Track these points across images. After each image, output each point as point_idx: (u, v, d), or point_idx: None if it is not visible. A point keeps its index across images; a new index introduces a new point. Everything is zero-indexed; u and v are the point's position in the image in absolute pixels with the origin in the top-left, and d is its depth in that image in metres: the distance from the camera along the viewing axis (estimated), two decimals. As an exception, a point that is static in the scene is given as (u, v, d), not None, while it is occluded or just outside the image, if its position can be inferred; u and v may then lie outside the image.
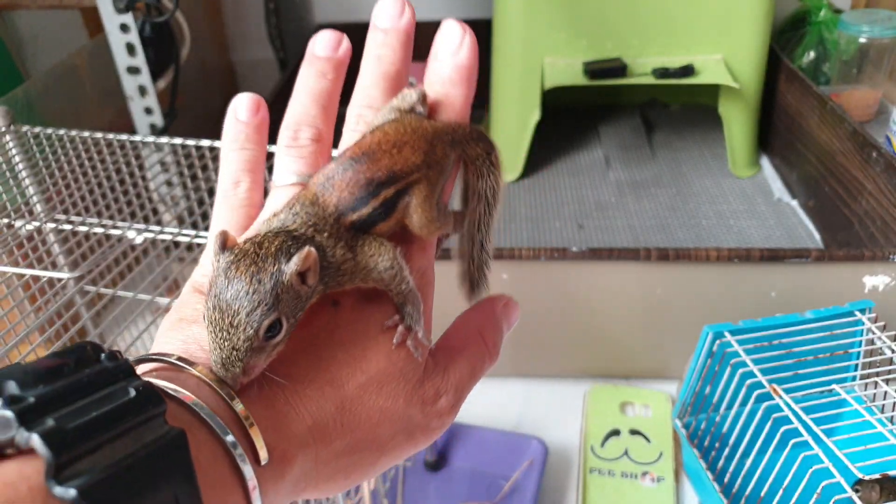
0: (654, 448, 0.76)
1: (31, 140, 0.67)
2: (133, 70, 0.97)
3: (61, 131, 0.67)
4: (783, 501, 0.57)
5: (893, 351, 0.65)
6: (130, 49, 0.95)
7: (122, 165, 0.68)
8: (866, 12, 1.26)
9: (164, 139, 0.69)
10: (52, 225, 0.61)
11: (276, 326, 0.25)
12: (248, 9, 1.51)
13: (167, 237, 0.61)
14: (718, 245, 1.05)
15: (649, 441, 0.77)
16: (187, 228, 0.63)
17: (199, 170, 0.69)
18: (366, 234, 0.29)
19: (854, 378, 0.67)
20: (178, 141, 0.69)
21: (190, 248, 0.65)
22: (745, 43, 1.13)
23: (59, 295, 0.57)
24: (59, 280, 0.57)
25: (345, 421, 0.26)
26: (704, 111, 1.37)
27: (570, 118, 1.41)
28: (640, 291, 0.79)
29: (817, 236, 1.06)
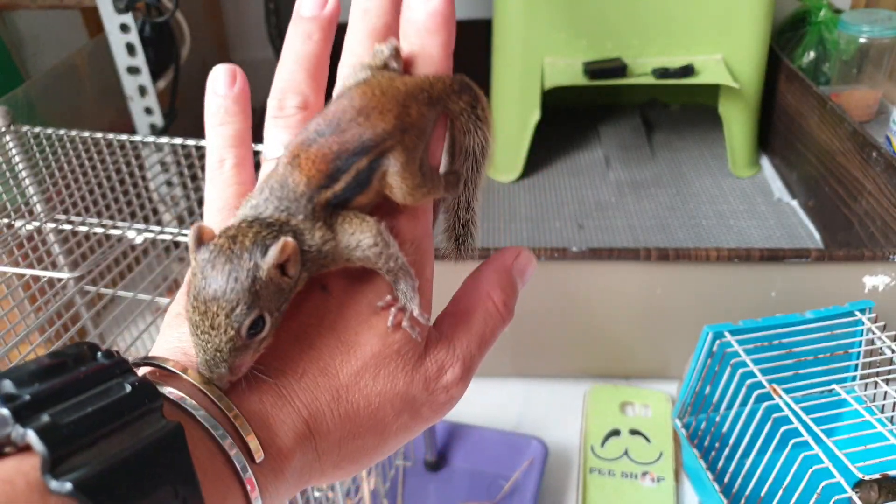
0: (654, 448, 0.76)
1: (32, 140, 0.67)
2: (133, 70, 0.97)
3: (61, 131, 0.67)
4: (783, 501, 0.57)
5: (893, 351, 0.65)
6: (130, 49, 0.95)
7: (122, 165, 0.68)
8: (866, 12, 1.26)
9: (164, 139, 0.69)
10: (52, 225, 0.61)
11: (258, 323, 0.24)
12: (248, 9, 1.51)
13: (167, 237, 0.61)
14: (718, 245, 1.05)
15: (649, 441, 0.77)
16: (187, 228, 0.63)
17: (199, 170, 0.69)
18: (345, 211, 0.27)
19: (854, 378, 0.67)
20: (178, 141, 0.69)
21: (190, 248, 0.65)
22: (745, 43, 1.13)
23: (59, 295, 0.57)
24: (59, 280, 0.57)
25: (342, 410, 0.26)
26: (704, 111, 1.37)
27: (570, 118, 1.41)
28: (640, 291, 0.79)
29: (817, 236, 1.06)
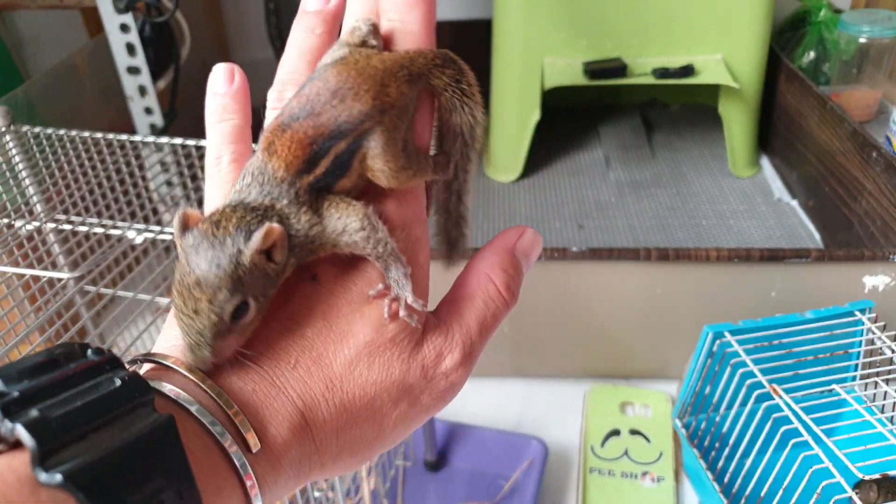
0: (654, 448, 0.76)
1: (32, 140, 0.67)
2: (133, 70, 0.97)
3: (61, 131, 0.67)
4: (783, 501, 0.57)
5: (893, 351, 0.65)
6: (130, 49, 0.96)
7: (122, 165, 0.68)
8: (866, 12, 1.26)
9: (164, 139, 0.69)
10: (52, 225, 0.61)
11: (242, 308, 0.24)
12: (248, 9, 1.51)
13: (167, 237, 0.61)
14: (718, 245, 1.05)
15: (649, 441, 0.77)
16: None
17: (199, 170, 0.69)
18: (331, 195, 0.26)
19: (854, 378, 0.67)
20: (178, 141, 0.69)
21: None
22: (745, 43, 1.13)
23: (59, 295, 0.57)
24: (59, 280, 0.57)
25: (336, 399, 0.26)
26: (704, 111, 1.37)
27: (570, 118, 1.41)
28: (640, 291, 0.79)
29: (817, 236, 1.06)
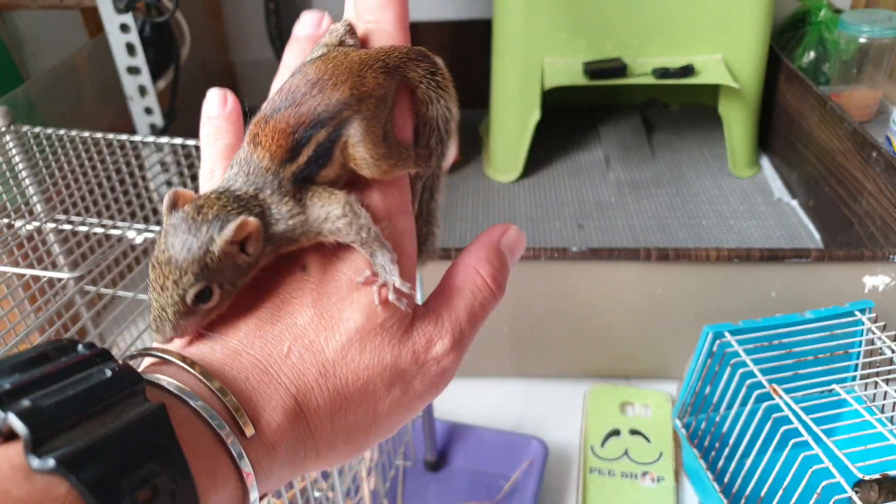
0: (654, 448, 0.76)
1: (32, 140, 0.67)
2: (133, 70, 0.97)
3: (61, 131, 0.67)
4: (783, 501, 0.57)
5: (893, 351, 0.65)
6: (130, 49, 0.96)
7: (122, 165, 0.68)
8: (866, 12, 1.26)
9: (164, 139, 0.69)
10: (52, 225, 0.61)
11: (205, 293, 0.25)
12: (248, 9, 1.51)
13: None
14: (718, 245, 1.05)
15: (649, 441, 0.77)
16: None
17: (198, 170, 0.69)
18: (314, 186, 0.27)
19: (854, 378, 0.67)
20: (178, 141, 0.69)
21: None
22: (745, 43, 1.13)
23: (59, 295, 0.57)
24: (59, 280, 0.57)
25: (329, 385, 0.26)
26: (704, 111, 1.37)
27: (570, 118, 1.41)
28: (640, 291, 0.79)
29: (817, 236, 1.06)
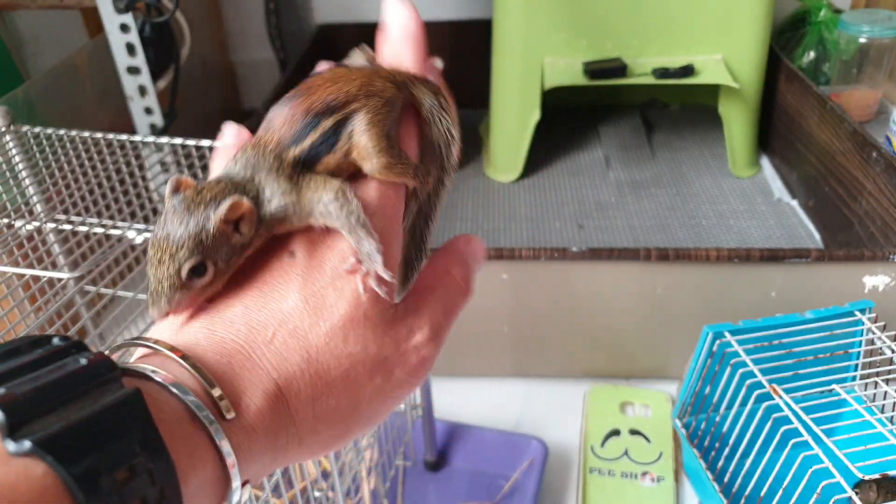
0: (654, 448, 0.76)
1: (32, 140, 0.67)
2: (133, 70, 0.97)
3: (61, 131, 0.67)
4: (783, 501, 0.57)
5: (893, 351, 0.65)
6: (130, 49, 0.96)
7: (122, 165, 0.68)
8: (866, 12, 1.26)
9: (164, 139, 0.69)
10: (52, 225, 0.61)
11: (199, 269, 0.27)
12: (248, 9, 1.51)
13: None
14: (718, 245, 1.05)
15: (649, 441, 0.77)
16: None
17: (199, 170, 0.69)
18: (312, 172, 0.29)
19: (854, 378, 0.67)
20: (178, 141, 0.69)
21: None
22: (745, 43, 1.13)
23: (59, 295, 0.57)
24: (59, 280, 0.57)
25: (311, 370, 0.26)
26: (704, 111, 1.37)
27: (570, 118, 1.41)
28: (640, 291, 0.79)
29: (817, 236, 1.06)
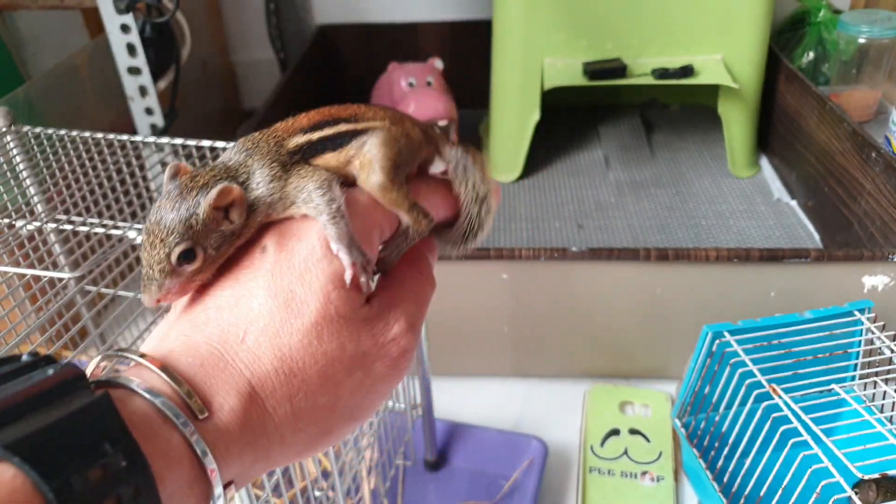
0: (654, 448, 0.76)
1: (32, 140, 0.67)
2: (134, 70, 0.97)
3: (62, 131, 0.67)
4: (782, 501, 0.57)
5: (892, 351, 0.65)
6: (131, 49, 0.96)
7: (123, 166, 0.68)
8: (866, 12, 1.26)
9: (164, 139, 0.69)
10: (53, 225, 0.61)
11: (188, 254, 0.27)
12: (248, 9, 1.51)
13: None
14: (718, 245, 1.05)
15: (649, 441, 0.77)
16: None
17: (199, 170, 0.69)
18: (307, 164, 0.29)
19: (853, 378, 0.68)
20: (178, 141, 0.69)
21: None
22: (745, 43, 1.13)
23: (59, 295, 0.57)
24: (60, 280, 0.58)
25: (285, 368, 0.26)
26: (704, 111, 1.37)
27: (570, 118, 1.41)
28: (640, 291, 0.79)
29: (816, 236, 1.06)
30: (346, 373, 0.27)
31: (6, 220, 0.60)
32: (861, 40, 1.21)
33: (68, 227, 0.60)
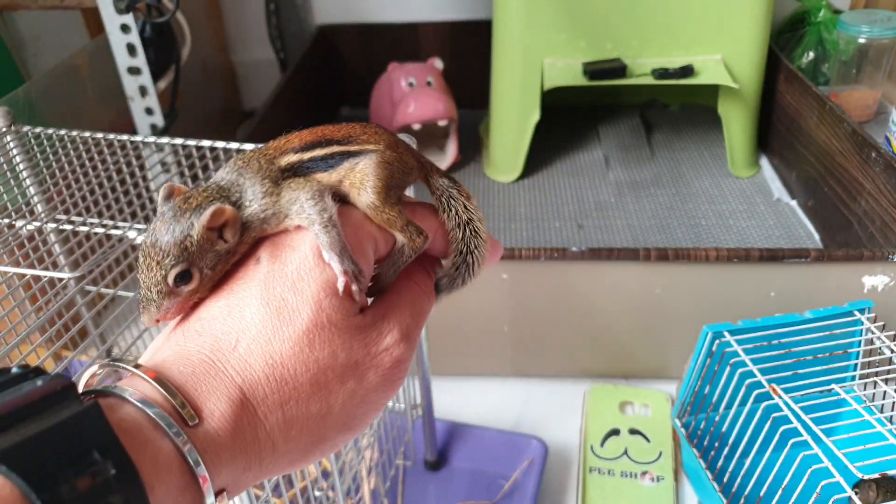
0: (654, 447, 0.76)
1: (32, 140, 0.67)
2: (134, 70, 0.97)
3: (62, 131, 0.67)
4: (782, 501, 0.57)
5: (892, 351, 0.65)
6: (131, 49, 0.96)
7: (123, 166, 0.68)
8: (865, 12, 1.26)
9: (164, 139, 0.69)
10: (53, 225, 0.61)
11: (185, 275, 0.27)
12: (248, 9, 1.51)
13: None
14: (718, 245, 1.05)
15: (649, 441, 0.77)
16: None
17: (199, 170, 0.69)
18: (298, 178, 0.30)
19: (853, 378, 0.68)
20: (178, 141, 0.69)
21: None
22: (745, 43, 1.13)
23: (59, 295, 0.57)
24: (60, 280, 0.58)
25: (277, 375, 0.26)
26: (704, 111, 1.37)
27: (570, 118, 1.41)
28: (640, 291, 0.79)
29: (816, 236, 1.06)
30: (338, 381, 0.27)
31: (6, 220, 0.60)
32: (861, 40, 1.21)
33: (68, 227, 0.60)
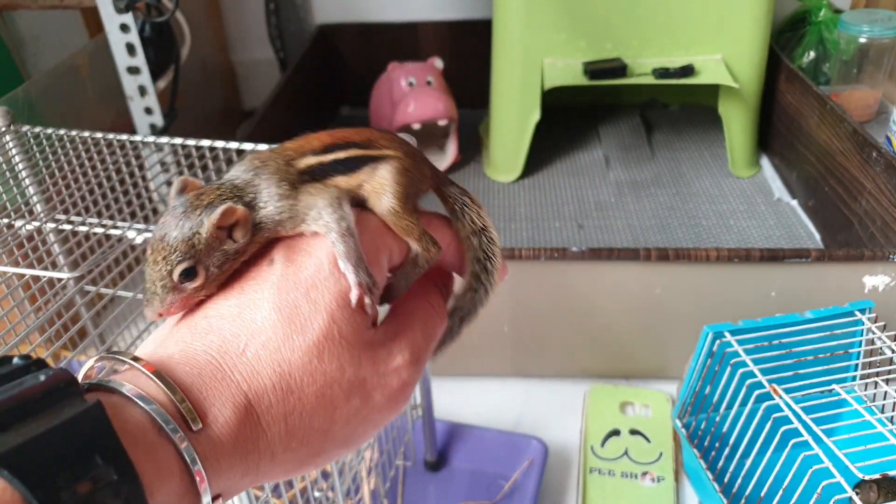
0: (654, 448, 0.76)
1: (32, 140, 0.67)
2: (133, 70, 0.97)
3: (61, 131, 0.67)
4: (783, 501, 0.57)
5: (893, 351, 0.65)
6: (131, 49, 0.96)
7: (123, 165, 0.68)
8: (866, 12, 1.26)
9: (164, 139, 0.69)
10: (53, 225, 0.61)
11: (190, 272, 0.27)
12: (248, 9, 1.51)
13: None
14: (718, 245, 1.05)
15: (649, 441, 0.77)
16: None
17: (199, 170, 0.69)
18: (317, 182, 0.29)
19: (854, 378, 0.67)
20: (178, 141, 0.68)
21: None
22: (745, 43, 1.13)
23: (59, 295, 0.57)
24: (60, 280, 0.57)
25: (283, 385, 0.26)
26: (704, 111, 1.37)
27: (570, 118, 1.41)
28: (640, 291, 0.79)
29: (817, 236, 1.06)
30: (343, 397, 0.27)
31: (6, 220, 0.60)
32: (861, 40, 1.21)
33: (67, 227, 0.60)
